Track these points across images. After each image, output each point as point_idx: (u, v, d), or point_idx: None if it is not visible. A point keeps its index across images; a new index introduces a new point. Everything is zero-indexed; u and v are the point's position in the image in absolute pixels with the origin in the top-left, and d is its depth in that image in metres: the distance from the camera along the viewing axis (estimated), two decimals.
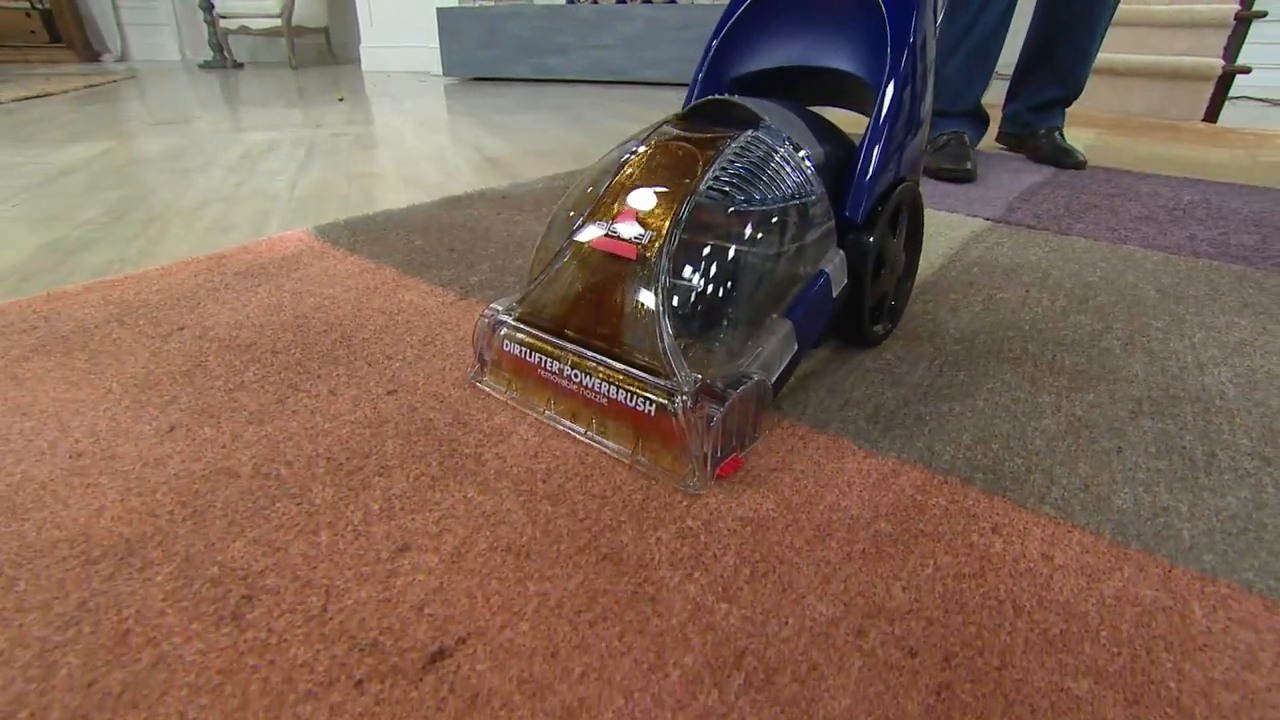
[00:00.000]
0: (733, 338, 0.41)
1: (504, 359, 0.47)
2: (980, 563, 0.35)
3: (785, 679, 0.28)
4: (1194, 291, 0.70)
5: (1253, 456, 0.44)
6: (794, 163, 0.45)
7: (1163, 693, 0.28)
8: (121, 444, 0.45)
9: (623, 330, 0.41)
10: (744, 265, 0.42)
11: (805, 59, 0.59)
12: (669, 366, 0.38)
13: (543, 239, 0.47)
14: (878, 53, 0.54)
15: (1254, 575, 0.34)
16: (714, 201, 0.42)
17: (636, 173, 0.45)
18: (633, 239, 0.41)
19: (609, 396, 0.41)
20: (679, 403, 0.38)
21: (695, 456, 0.38)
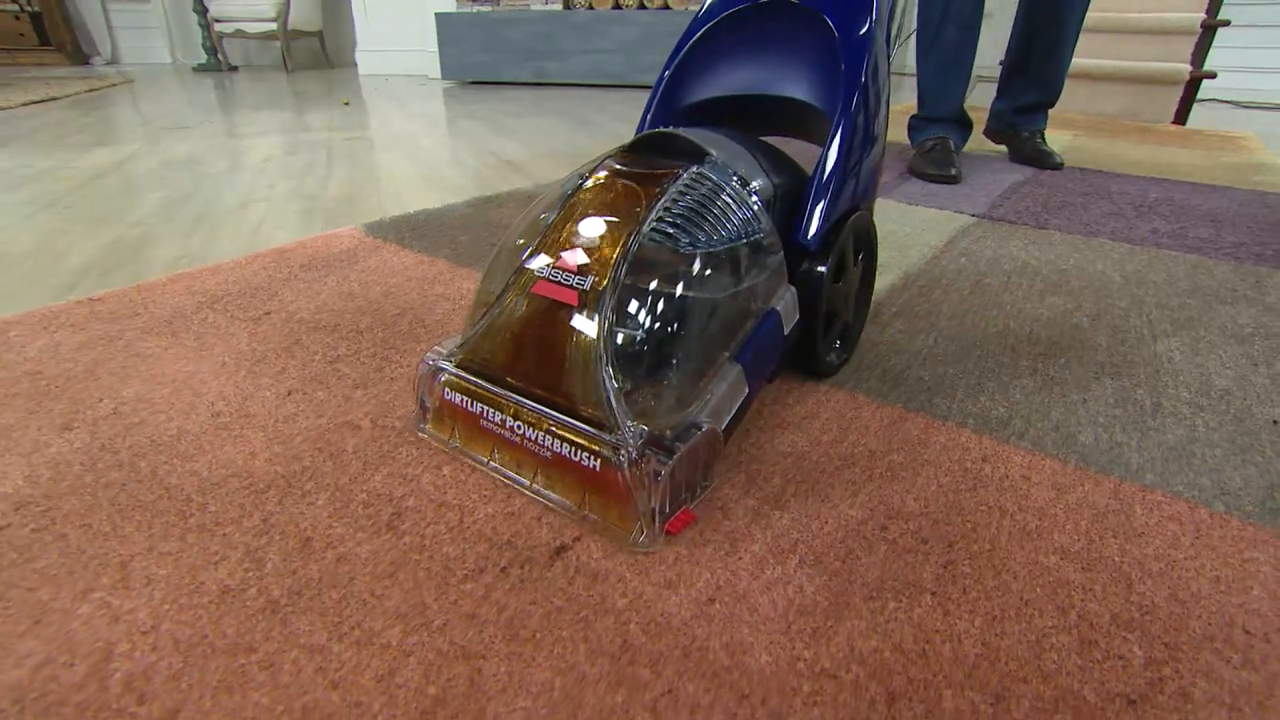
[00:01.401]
0: (680, 384, 0.40)
1: (445, 407, 0.45)
2: (973, 481, 0.44)
3: (830, 559, 0.38)
4: (1153, 277, 0.80)
5: (1190, 405, 0.53)
6: (740, 199, 0.44)
7: (1109, 564, 0.37)
8: (251, 405, 0.53)
9: (565, 379, 0.39)
10: (690, 309, 0.40)
11: (758, 87, 0.58)
12: (614, 419, 0.37)
13: (486, 276, 0.45)
14: (831, 79, 0.54)
15: (1182, 487, 0.44)
16: (658, 243, 0.40)
17: (580, 210, 0.43)
18: (574, 284, 0.39)
19: (552, 450, 0.40)
20: (624, 457, 0.36)
21: (643, 512, 0.37)
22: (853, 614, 0.34)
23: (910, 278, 0.78)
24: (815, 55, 0.56)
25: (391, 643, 0.33)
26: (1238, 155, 1.53)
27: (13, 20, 4.46)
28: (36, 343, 0.62)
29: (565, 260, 0.41)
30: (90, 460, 0.46)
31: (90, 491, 0.43)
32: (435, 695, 0.30)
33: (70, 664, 0.32)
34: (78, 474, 0.45)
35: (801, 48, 0.57)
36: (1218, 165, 1.43)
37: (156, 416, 0.51)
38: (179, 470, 0.45)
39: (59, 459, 0.46)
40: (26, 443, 0.48)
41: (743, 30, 0.59)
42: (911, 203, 1.09)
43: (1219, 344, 0.64)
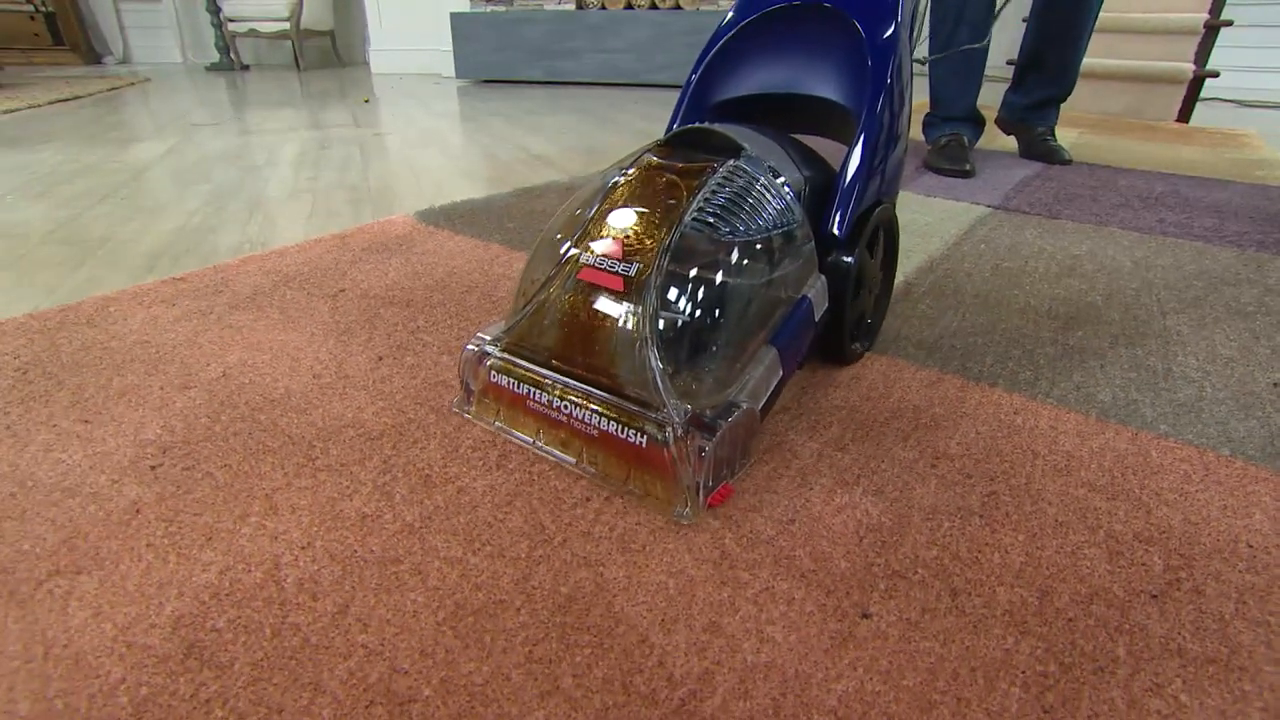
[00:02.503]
0: (720, 366, 0.42)
1: (490, 390, 0.47)
2: (1007, 429, 0.50)
3: (889, 489, 0.43)
4: (1161, 262, 0.85)
5: (1198, 370, 0.59)
6: (775, 191, 0.45)
7: (1130, 495, 0.43)
8: (347, 368, 0.58)
9: (611, 361, 0.41)
10: (730, 294, 0.42)
11: (785, 86, 0.60)
12: (659, 398, 0.39)
13: (528, 266, 0.47)
14: (857, 79, 0.56)
15: (1192, 436, 0.49)
16: (699, 232, 0.42)
17: (622, 201, 0.45)
18: (620, 270, 0.41)
19: (599, 428, 0.41)
20: (670, 434, 0.38)
21: (687, 487, 0.39)
22: (913, 531, 0.40)
23: (935, 261, 0.84)
24: (842, 55, 0.57)
25: (520, 555, 0.38)
26: (1240, 152, 1.59)
27: (28, 20, 4.52)
28: (137, 316, 0.68)
29: (610, 248, 0.42)
30: (214, 413, 0.52)
31: (222, 438, 0.49)
32: (567, 594, 0.36)
33: (247, 570, 0.37)
34: (206, 425, 0.50)
35: (828, 48, 0.58)
36: (1221, 161, 1.48)
37: (263, 378, 0.57)
38: (297, 422, 0.51)
39: (186, 412, 0.52)
40: (153, 399, 0.54)
41: (770, 31, 0.61)
42: (930, 194, 1.15)
43: (1223, 320, 0.69)
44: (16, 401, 0.53)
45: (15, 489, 0.43)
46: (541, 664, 0.31)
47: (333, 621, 0.34)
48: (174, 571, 0.37)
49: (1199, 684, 0.31)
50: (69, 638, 0.33)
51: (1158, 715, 0.30)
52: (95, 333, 0.64)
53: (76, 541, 0.39)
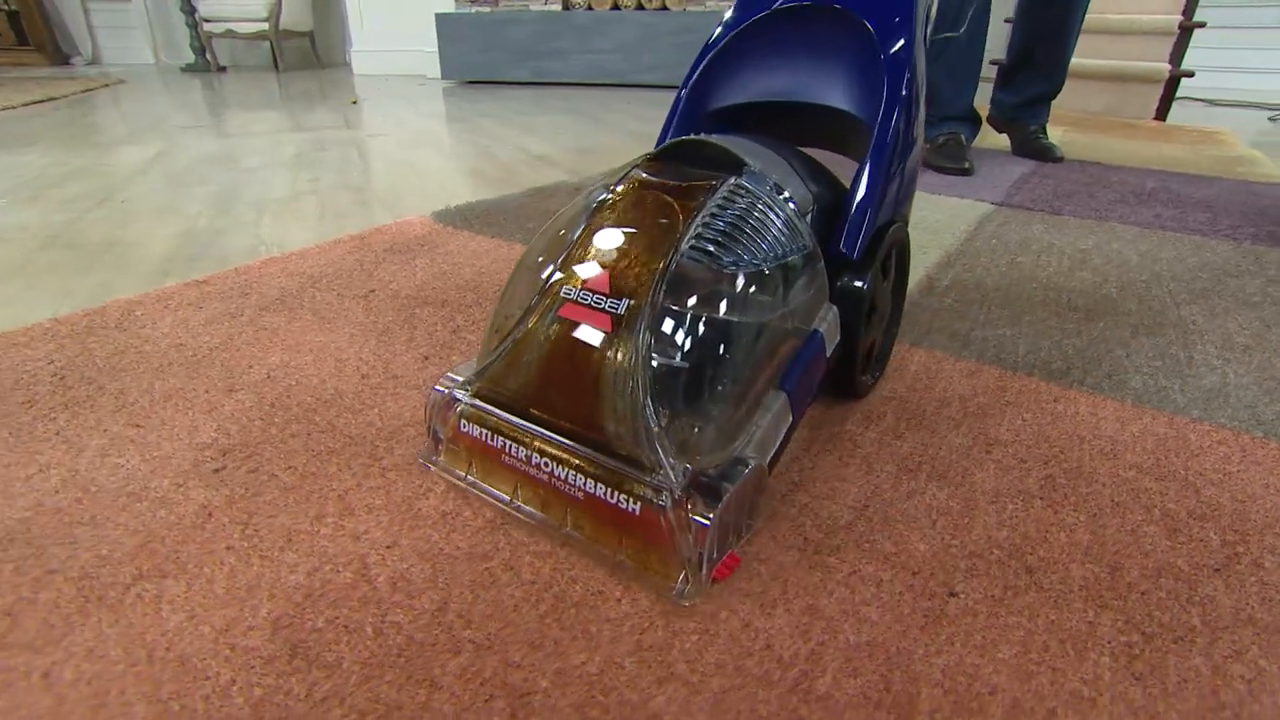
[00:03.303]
0: (724, 416, 0.37)
1: (460, 440, 0.42)
2: (1051, 416, 0.51)
3: (951, 474, 0.45)
4: (1165, 255, 0.89)
5: (1219, 358, 0.61)
6: (782, 212, 0.40)
7: (1177, 475, 0.45)
8: (394, 368, 0.58)
9: (598, 412, 0.36)
10: (734, 334, 0.37)
11: (789, 93, 0.55)
12: (654, 457, 0.34)
13: (503, 297, 0.42)
14: (868, 85, 0.52)
15: (1225, 420, 0.52)
16: (698, 261, 0.37)
17: (609, 224, 0.39)
18: (608, 306, 0.36)
19: (585, 490, 0.36)
20: (668, 500, 0.33)
21: (688, 559, 0.34)
22: (981, 514, 0.41)
23: (951, 256, 0.86)
24: (852, 60, 0.53)
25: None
26: (1218, 149, 1.64)
27: None
28: (165, 320, 0.67)
29: (595, 281, 0.37)
30: (267, 415, 0.51)
31: (280, 440, 0.48)
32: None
33: (336, 570, 0.37)
34: (261, 427, 0.50)
35: (836, 52, 0.53)
36: (1202, 158, 1.53)
37: (309, 379, 0.56)
38: (354, 422, 0.51)
39: (237, 415, 0.51)
40: (201, 403, 0.53)
41: (773, 34, 0.56)
42: (934, 192, 1.17)
43: (1233, 309, 0.72)
44: (60, 406, 0.52)
45: (80, 494, 0.43)
46: (652, 651, 0.32)
47: (434, 619, 0.34)
48: (260, 574, 0.37)
49: (1275, 650, 0.33)
50: (169, 641, 0.33)
51: (1241, 680, 0.31)
52: (126, 337, 0.63)
53: (154, 546, 0.39)
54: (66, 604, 0.35)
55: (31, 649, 0.32)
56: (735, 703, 0.30)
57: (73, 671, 0.31)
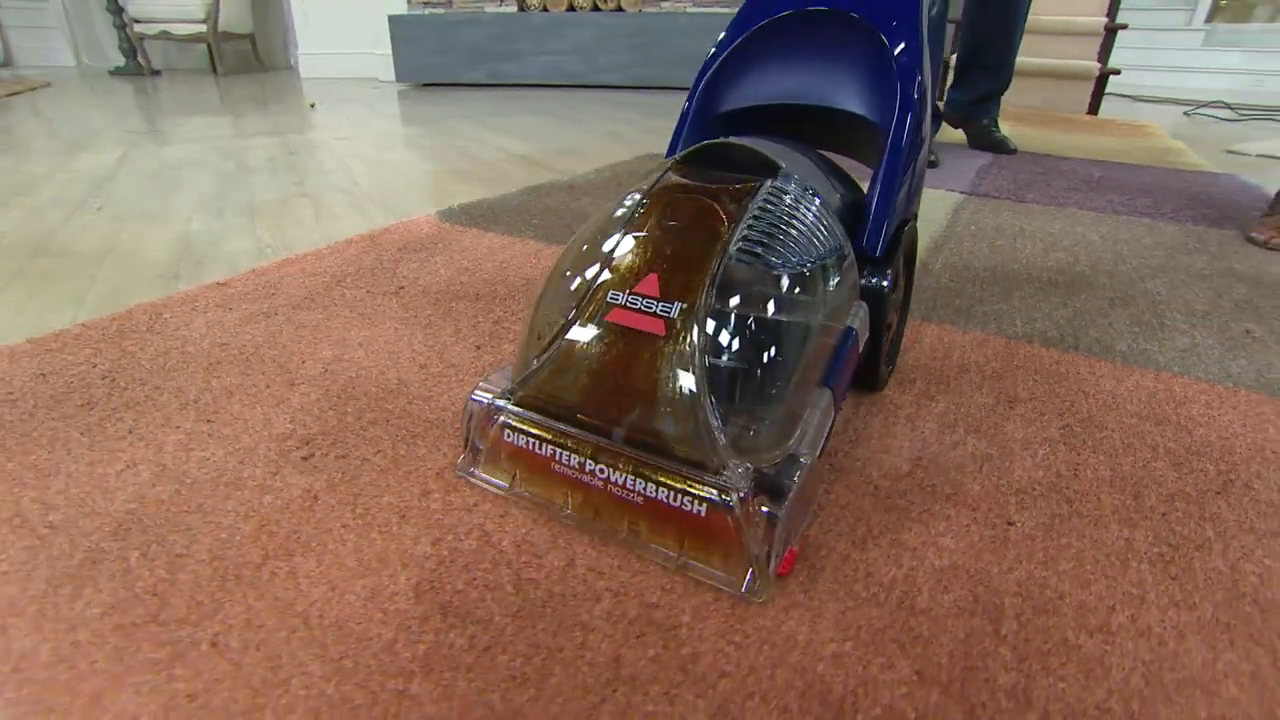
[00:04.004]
0: (780, 415, 0.37)
1: (503, 450, 0.41)
2: (1055, 377, 0.58)
3: (984, 428, 0.50)
4: (1123, 236, 0.98)
5: (1185, 323, 0.70)
6: (819, 213, 0.41)
7: (1171, 420, 0.52)
8: (450, 358, 0.61)
9: (654, 416, 0.36)
10: (786, 333, 0.38)
11: (799, 96, 0.56)
12: (718, 458, 0.34)
13: (539, 307, 0.42)
14: (879, 89, 0.53)
15: (1201, 374, 0.59)
16: (745, 263, 0.37)
17: (649, 230, 0.40)
18: (660, 310, 0.36)
19: (645, 495, 0.36)
20: (734, 500, 0.34)
21: (756, 557, 0.35)
22: (1017, 458, 0.47)
23: (938, 241, 0.93)
24: (859, 64, 0.54)
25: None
26: (1147, 140, 1.79)
27: None
28: (197, 321, 0.67)
29: (644, 285, 0.37)
30: (338, 405, 0.53)
31: (359, 428, 0.50)
32: None
33: (459, 539, 0.40)
34: (335, 417, 0.52)
35: (843, 56, 0.55)
36: (1134, 149, 1.67)
37: (368, 371, 0.58)
38: (427, 408, 0.53)
39: (307, 407, 0.53)
40: (265, 397, 0.54)
41: (780, 38, 0.56)
42: None
43: (1189, 282, 0.81)
44: (123, 407, 0.53)
45: (177, 487, 0.44)
46: (775, 584, 0.36)
47: (565, 573, 0.37)
48: (385, 547, 0.39)
49: (1275, 551, 0.39)
50: (320, 610, 0.35)
51: (1253, 575, 0.38)
52: (163, 339, 0.63)
53: (271, 528, 0.41)
54: (207, 583, 0.37)
55: (189, 623, 0.34)
56: (854, 621, 0.34)
57: (238, 640, 0.33)
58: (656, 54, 3.02)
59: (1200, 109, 2.46)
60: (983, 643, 0.33)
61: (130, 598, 0.35)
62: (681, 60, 3.01)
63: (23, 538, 0.39)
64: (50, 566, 0.37)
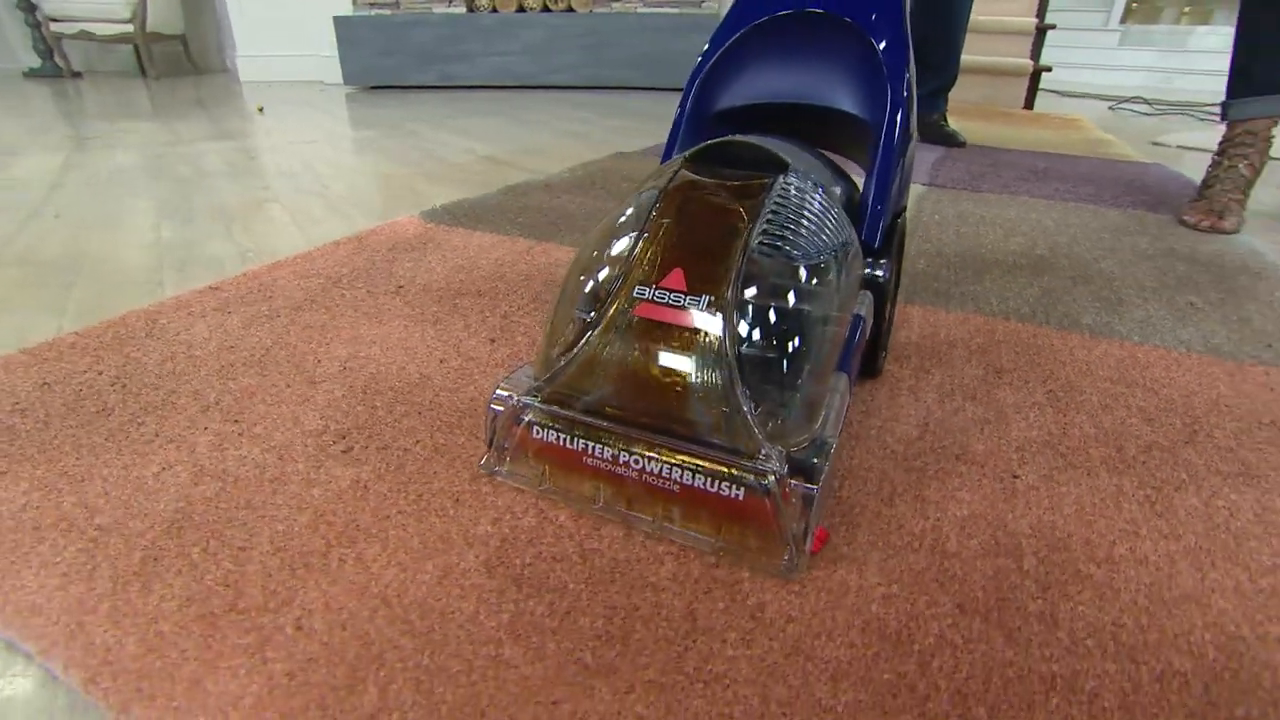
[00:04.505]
0: (806, 400, 0.38)
1: (532, 446, 0.42)
2: (1033, 349, 0.63)
3: (978, 396, 0.55)
4: (1073, 221, 1.06)
5: (1138, 298, 0.77)
6: (830, 208, 0.43)
7: (1138, 382, 0.58)
8: (467, 351, 0.62)
9: (687, 406, 0.37)
10: (808, 321, 0.39)
11: (790, 95, 0.58)
12: (754, 443, 0.36)
13: (559, 306, 0.43)
14: (868, 87, 0.55)
15: (1158, 341, 0.66)
16: (768, 255, 0.39)
17: (669, 226, 0.41)
18: (688, 303, 0.38)
19: (681, 483, 0.38)
20: (772, 483, 0.36)
21: (794, 536, 0.36)
22: (1012, 421, 0.52)
23: (909, 230, 0.98)
24: (848, 62, 0.56)
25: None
26: (1080, 133, 1.92)
27: None
28: (197, 326, 0.67)
29: (670, 279, 0.38)
30: (366, 400, 0.54)
31: (392, 421, 0.51)
32: None
33: (517, 517, 0.42)
34: (365, 412, 0.53)
35: (833, 55, 0.57)
36: (1069, 140, 1.79)
37: (387, 367, 0.59)
38: (456, 399, 0.54)
39: (334, 403, 0.54)
40: (289, 396, 0.55)
41: (770, 39, 0.58)
42: None
43: (1136, 261, 0.89)
44: (142, 411, 0.52)
45: (220, 485, 0.44)
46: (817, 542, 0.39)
47: (626, 542, 0.40)
48: (446, 529, 0.41)
49: (1236, 488, 0.45)
50: (396, 590, 0.36)
51: (1224, 509, 0.43)
52: (165, 344, 0.63)
53: (328, 518, 0.42)
54: (276, 572, 0.37)
55: (268, 610, 0.35)
56: (895, 566, 0.38)
57: (321, 623, 0.34)
58: (608, 54, 3.05)
59: (1122, 104, 2.64)
60: (1009, 577, 0.37)
61: (203, 590, 0.36)
62: (633, 60, 3.04)
63: (74, 540, 0.39)
64: (111, 566, 0.38)
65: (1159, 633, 0.34)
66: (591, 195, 1.17)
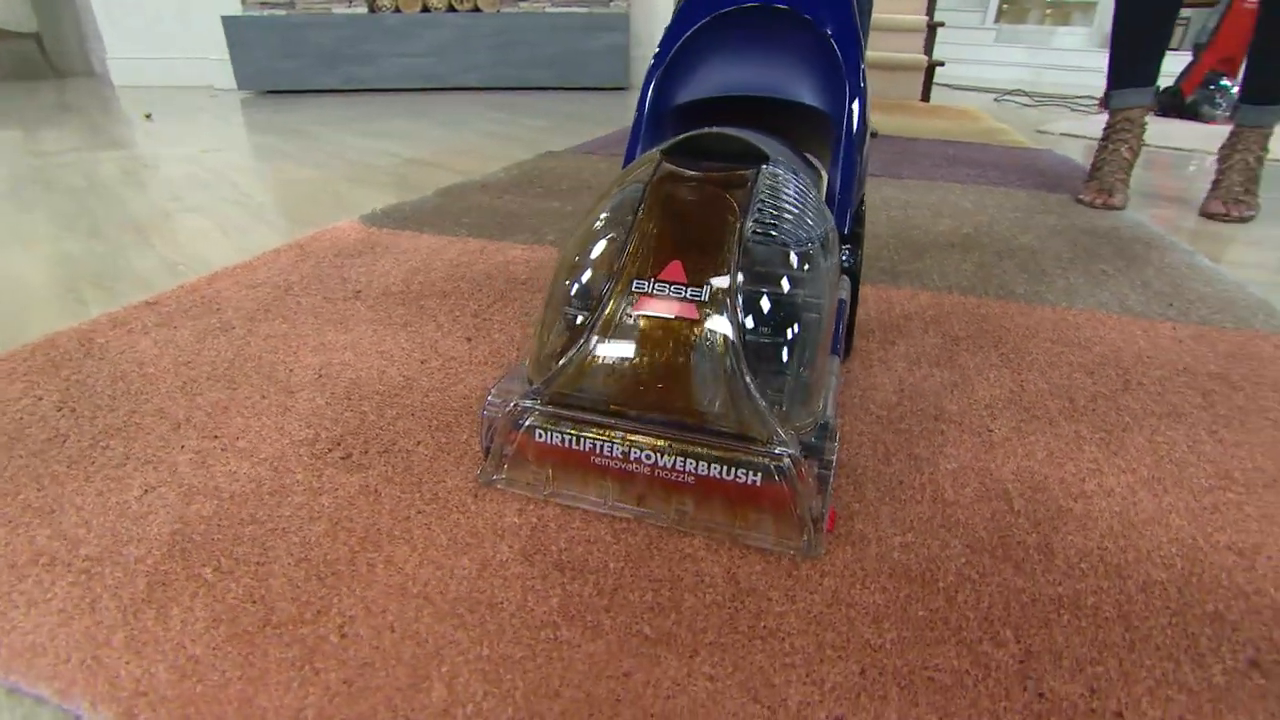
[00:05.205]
0: (809, 383, 0.39)
1: (533, 451, 0.41)
2: (980, 317, 0.69)
3: (942, 361, 0.59)
4: (989, 203, 1.15)
5: (1058, 268, 0.85)
6: (812, 196, 0.43)
7: (1077, 342, 0.64)
8: (445, 352, 0.61)
9: (695, 397, 0.38)
10: (805, 308, 0.39)
11: (750, 88, 0.58)
12: (767, 429, 0.37)
13: (548, 307, 0.43)
14: (822, 78, 0.56)
15: (1082, 305, 0.73)
16: (762, 244, 0.39)
17: (660, 219, 0.41)
18: (690, 295, 0.38)
19: (696, 474, 0.38)
20: (788, 466, 0.36)
21: (813, 517, 0.37)
22: (974, 382, 0.56)
23: None
24: (804, 56, 0.57)
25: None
26: (976, 123, 2.07)
27: None
28: (142, 343, 0.62)
29: (669, 273, 0.38)
30: (352, 406, 0.52)
31: (385, 424, 0.50)
32: None
33: (540, 507, 0.42)
34: (354, 417, 0.51)
35: (789, 49, 0.57)
36: (969, 130, 1.93)
37: (368, 372, 0.57)
38: (446, 398, 0.54)
39: (319, 412, 0.52)
40: (267, 407, 0.52)
41: (726, 33, 0.59)
42: None
43: (1049, 235, 0.98)
44: (100, 435, 0.48)
45: (217, 502, 0.42)
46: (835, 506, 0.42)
47: (658, 529, 0.41)
48: (471, 524, 0.40)
49: (1170, 426, 0.51)
50: (436, 588, 0.36)
51: (1164, 444, 0.49)
52: (110, 364, 0.58)
53: (345, 525, 0.40)
54: (303, 583, 0.36)
55: (305, 622, 0.34)
56: (905, 517, 0.41)
57: (366, 628, 0.34)
58: (518, 54, 3.02)
59: (1006, 96, 2.87)
60: (1005, 518, 0.41)
61: (228, 609, 0.34)
62: (544, 60, 3.03)
63: (61, 575, 0.36)
64: (114, 596, 0.35)
65: (1135, 551, 0.39)
66: (532, 195, 1.16)
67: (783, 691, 0.30)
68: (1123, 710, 0.30)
